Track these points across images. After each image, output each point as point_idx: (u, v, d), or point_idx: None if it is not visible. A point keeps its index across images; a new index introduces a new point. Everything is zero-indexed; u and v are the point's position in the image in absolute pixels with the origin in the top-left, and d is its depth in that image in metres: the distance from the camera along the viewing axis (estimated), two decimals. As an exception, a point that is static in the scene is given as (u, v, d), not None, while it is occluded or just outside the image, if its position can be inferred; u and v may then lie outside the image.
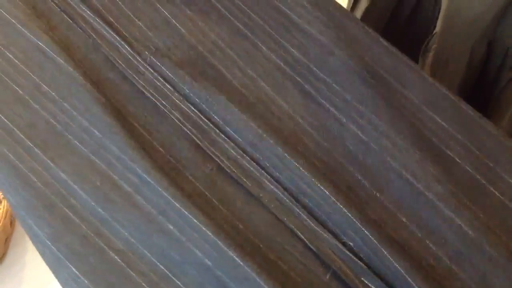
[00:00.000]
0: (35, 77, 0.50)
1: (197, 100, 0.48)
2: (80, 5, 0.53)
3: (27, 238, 1.26)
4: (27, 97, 0.50)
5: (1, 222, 1.09)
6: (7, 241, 1.24)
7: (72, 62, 0.50)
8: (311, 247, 0.43)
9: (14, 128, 0.48)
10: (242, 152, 0.46)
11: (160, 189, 0.44)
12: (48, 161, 0.47)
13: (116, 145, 0.46)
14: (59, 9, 0.54)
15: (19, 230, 1.28)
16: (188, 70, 0.49)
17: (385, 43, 0.51)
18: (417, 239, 0.44)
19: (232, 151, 0.47)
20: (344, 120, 0.48)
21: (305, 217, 0.44)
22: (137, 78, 0.50)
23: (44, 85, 0.50)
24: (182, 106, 0.48)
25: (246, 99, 0.49)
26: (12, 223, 1.25)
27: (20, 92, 0.50)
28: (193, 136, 0.48)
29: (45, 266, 0.47)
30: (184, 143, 0.48)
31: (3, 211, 1.10)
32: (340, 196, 0.43)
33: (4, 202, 1.11)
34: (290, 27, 0.52)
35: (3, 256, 1.24)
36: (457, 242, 0.43)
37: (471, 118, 0.47)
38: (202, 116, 0.48)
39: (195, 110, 0.48)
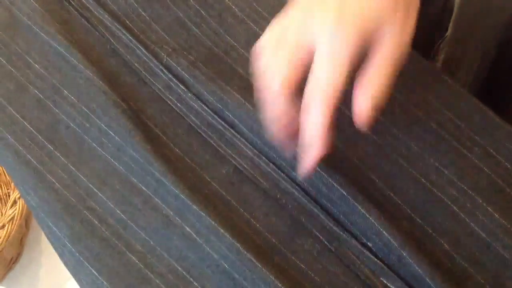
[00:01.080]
0: (55, 82, 0.51)
1: (212, 100, 0.49)
2: (99, 10, 0.54)
3: (42, 238, 1.28)
4: (47, 101, 0.50)
5: (17, 222, 1.11)
6: (22, 241, 1.25)
7: (90, 66, 0.51)
8: (330, 247, 0.43)
9: (35, 132, 0.49)
10: (258, 152, 0.47)
11: (177, 192, 0.44)
12: (69, 164, 0.47)
13: (134, 148, 0.47)
14: (78, 14, 0.55)
15: (34, 230, 1.29)
16: (203, 71, 0.50)
17: None
18: (432, 240, 0.44)
19: (248, 151, 0.47)
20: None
21: (323, 217, 0.44)
22: (153, 80, 0.51)
23: (64, 89, 0.51)
24: (197, 107, 0.49)
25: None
26: (27, 224, 1.26)
27: (41, 96, 0.51)
28: (208, 138, 0.48)
29: (60, 266, 0.48)
30: (201, 144, 0.48)
31: (18, 212, 1.11)
32: (357, 197, 0.43)
33: (19, 203, 1.12)
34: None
35: (19, 256, 1.26)
36: (471, 245, 0.43)
37: (491, 120, 0.47)
38: (216, 117, 0.48)
39: (208, 111, 0.48)
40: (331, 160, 0.45)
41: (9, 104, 0.51)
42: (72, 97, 0.50)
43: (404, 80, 0.49)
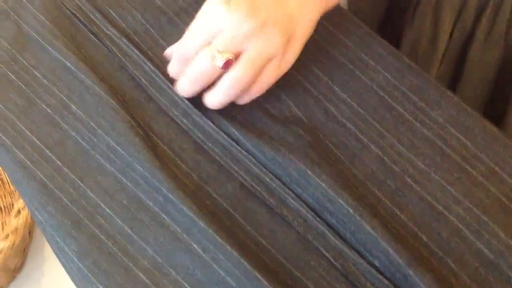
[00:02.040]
0: (63, 97, 0.52)
1: (217, 116, 0.49)
2: (107, 25, 0.54)
3: (45, 248, 1.28)
4: (56, 117, 0.51)
5: (20, 232, 1.11)
6: (25, 250, 1.25)
7: (99, 81, 0.51)
8: (336, 264, 0.44)
9: (44, 147, 0.49)
10: (264, 169, 0.47)
11: (184, 208, 0.45)
12: (76, 179, 0.48)
13: (141, 164, 0.47)
14: (86, 29, 0.55)
15: (37, 240, 1.29)
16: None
17: (408, 61, 0.52)
18: (438, 258, 0.44)
19: (254, 167, 0.47)
20: (366, 140, 0.48)
21: (329, 234, 0.44)
22: (159, 96, 0.51)
23: (72, 105, 0.51)
24: (202, 123, 0.49)
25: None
26: (30, 233, 1.27)
27: (49, 111, 0.51)
28: (214, 155, 0.48)
29: (63, 276, 0.48)
30: (207, 160, 0.48)
31: (22, 221, 1.11)
32: (363, 214, 0.43)
33: (23, 213, 1.12)
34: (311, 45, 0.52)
35: (22, 265, 1.26)
36: (476, 263, 0.43)
37: (496, 137, 0.48)
38: (222, 133, 0.49)
39: (214, 127, 0.49)
40: (337, 177, 0.45)
41: (18, 119, 0.51)
42: (80, 113, 0.50)
43: (408, 97, 0.50)
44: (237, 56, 0.45)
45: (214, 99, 0.48)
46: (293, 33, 0.46)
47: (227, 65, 0.45)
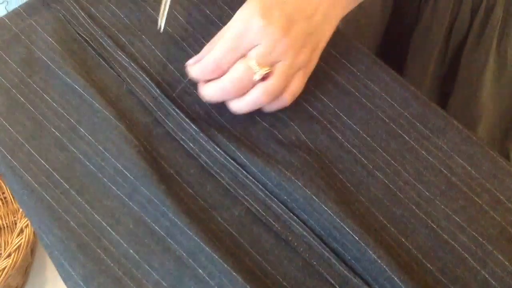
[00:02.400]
0: (72, 120, 0.52)
1: (224, 141, 0.49)
2: (116, 50, 0.55)
3: (47, 267, 1.28)
4: (64, 140, 0.51)
5: (23, 251, 1.11)
6: (27, 270, 1.25)
7: (107, 105, 0.51)
8: None
9: (51, 170, 0.50)
10: (270, 194, 0.47)
11: (190, 233, 0.45)
12: (83, 202, 0.48)
13: (148, 188, 0.47)
14: (95, 53, 0.56)
15: (40, 259, 1.29)
16: (217, 108, 0.51)
17: (413, 89, 0.52)
18: (443, 286, 0.44)
19: (260, 193, 0.47)
20: (371, 167, 0.49)
21: (334, 261, 0.44)
22: (166, 120, 0.51)
23: (81, 128, 0.51)
24: (209, 147, 0.49)
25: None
26: (32, 252, 1.26)
27: (58, 134, 0.51)
28: (220, 179, 0.49)
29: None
30: (213, 185, 0.49)
31: (24, 241, 1.11)
32: (369, 242, 0.43)
33: (26, 231, 1.12)
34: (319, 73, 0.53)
35: (24, 284, 1.25)
36: None
37: (501, 166, 0.48)
38: (228, 157, 0.49)
39: (221, 151, 0.49)
40: (342, 204, 0.45)
41: (26, 142, 0.51)
42: (88, 136, 0.51)
43: (413, 125, 0.50)
44: (271, 68, 0.47)
45: (243, 106, 0.49)
46: (316, 45, 0.49)
47: (264, 78, 0.47)
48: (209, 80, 0.49)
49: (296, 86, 0.49)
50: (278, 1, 0.47)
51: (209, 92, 0.49)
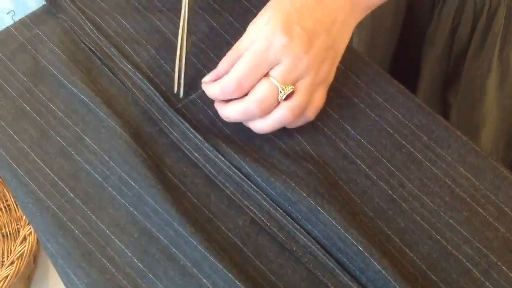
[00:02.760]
0: (78, 130, 0.52)
1: (229, 151, 0.50)
2: (122, 60, 0.56)
3: (50, 275, 1.28)
4: (70, 149, 0.51)
5: (26, 259, 1.11)
6: (30, 277, 1.25)
7: (112, 115, 0.52)
8: None
9: (56, 179, 0.50)
10: (275, 204, 0.47)
11: (195, 243, 0.45)
12: (88, 211, 0.48)
13: (153, 198, 0.47)
14: (101, 63, 0.56)
15: (42, 267, 1.29)
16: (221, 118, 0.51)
17: (417, 100, 0.52)
18: (447, 297, 0.44)
19: (264, 203, 0.48)
20: (375, 178, 0.49)
21: (338, 271, 0.44)
22: (171, 130, 0.52)
23: (86, 138, 0.52)
24: (213, 157, 0.50)
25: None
26: (35, 260, 1.26)
27: (63, 143, 0.52)
28: (225, 189, 0.49)
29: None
30: (218, 195, 0.49)
31: (27, 249, 1.11)
32: (373, 253, 0.43)
33: (29, 239, 1.12)
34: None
35: (26, 292, 1.25)
36: None
37: (504, 177, 0.48)
38: (233, 167, 0.49)
39: (225, 161, 0.49)
40: (346, 214, 0.45)
41: (32, 150, 0.52)
42: (94, 146, 0.51)
43: (417, 136, 0.50)
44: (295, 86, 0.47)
45: (266, 126, 0.48)
46: (335, 57, 0.49)
47: (289, 97, 0.46)
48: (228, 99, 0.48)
49: (319, 100, 0.49)
50: (299, 13, 0.45)
51: (232, 114, 0.48)
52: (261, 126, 0.48)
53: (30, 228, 1.11)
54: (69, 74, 0.55)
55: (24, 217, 1.21)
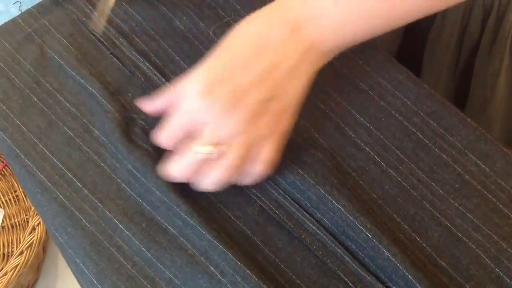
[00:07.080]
0: (85, 121, 0.52)
1: None
2: (130, 49, 0.55)
3: (59, 265, 1.29)
4: (78, 140, 0.51)
5: (35, 249, 1.11)
6: (39, 267, 1.26)
7: (120, 107, 0.52)
8: None
9: (65, 170, 0.50)
10: (283, 193, 0.47)
11: (203, 232, 0.45)
12: (97, 201, 0.48)
13: (159, 189, 0.47)
14: (110, 54, 0.56)
15: (51, 257, 1.30)
16: None
17: (426, 87, 0.52)
18: (457, 284, 0.44)
19: (273, 191, 0.47)
20: (384, 165, 0.49)
21: (348, 259, 0.44)
22: None
23: (95, 129, 0.52)
24: None
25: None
26: (44, 250, 1.27)
27: (71, 134, 0.52)
28: None
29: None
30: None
31: (36, 238, 1.12)
32: (383, 240, 0.43)
33: (38, 229, 1.13)
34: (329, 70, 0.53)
35: (35, 282, 1.26)
36: None
37: None
38: None
39: None
40: (355, 202, 0.45)
41: (40, 141, 0.52)
42: (102, 137, 0.51)
43: (427, 122, 0.50)
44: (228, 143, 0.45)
45: (209, 185, 0.46)
46: (282, 108, 0.46)
47: (221, 155, 0.45)
48: None
49: (266, 154, 0.46)
50: (225, 73, 0.44)
51: (173, 174, 0.47)
52: (204, 185, 0.47)
53: (39, 218, 1.12)
54: (76, 65, 0.55)
55: (33, 208, 1.22)
